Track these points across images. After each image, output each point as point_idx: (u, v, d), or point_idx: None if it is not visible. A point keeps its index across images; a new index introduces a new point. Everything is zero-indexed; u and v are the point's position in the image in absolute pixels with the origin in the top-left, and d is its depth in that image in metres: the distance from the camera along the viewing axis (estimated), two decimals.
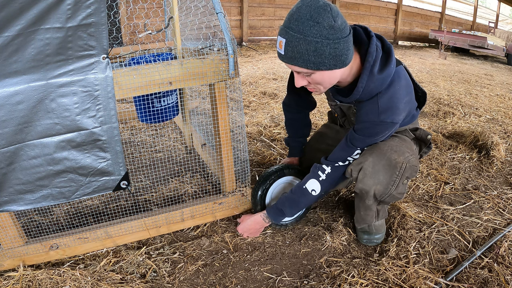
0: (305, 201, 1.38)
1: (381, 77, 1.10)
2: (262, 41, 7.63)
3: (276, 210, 1.42)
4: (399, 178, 1.25)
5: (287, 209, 1.40)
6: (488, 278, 1.24)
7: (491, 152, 2.26)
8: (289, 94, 1.59)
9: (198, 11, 1.51)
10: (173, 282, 1.26)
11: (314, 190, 1.35)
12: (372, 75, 1.10)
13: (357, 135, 1.23)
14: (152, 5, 2.56)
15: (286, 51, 1.01)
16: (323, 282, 1.26)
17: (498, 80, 5.08)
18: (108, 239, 1.38)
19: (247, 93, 3.64)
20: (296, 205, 1.39)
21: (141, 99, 1.70)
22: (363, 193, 1.32)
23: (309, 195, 1.36)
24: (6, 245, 1.26)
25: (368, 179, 1.25)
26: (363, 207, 1.40)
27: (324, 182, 1.33)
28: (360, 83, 1.11)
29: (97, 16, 1.02)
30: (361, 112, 1.19)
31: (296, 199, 1.39)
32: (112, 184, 1.24)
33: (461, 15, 11.55)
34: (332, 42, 0.98)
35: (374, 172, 1.24)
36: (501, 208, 1.73)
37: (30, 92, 1.01)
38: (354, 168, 1.29)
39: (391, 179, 1.24)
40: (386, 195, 1.28)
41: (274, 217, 1.43)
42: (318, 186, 1.34)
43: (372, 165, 1.23)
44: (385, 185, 1.25)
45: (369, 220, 1.42)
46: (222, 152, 1.48)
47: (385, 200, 1.32)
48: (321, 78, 1.06)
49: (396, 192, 1.28)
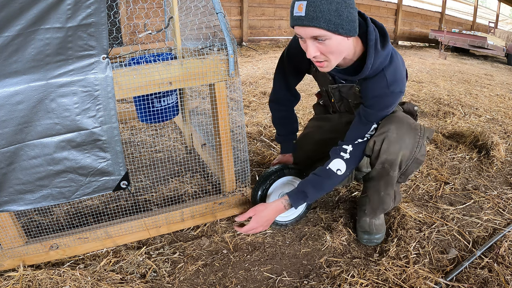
0: (330, 182, 1.34)
1: (384, 53, 1.19)
2: (262, 41, 7.63)
3: (298, 193, 1.35)
4: (422, 138, 1.29)
5: (310, 191, 1.34)
6: (488, 278, 1.24)
7: (491, 152, 2.26)
8: (278, 90, 1.61)
9: (198, 11, 1.51)
10: (173, 282, 1.26)
11: (339, 169, 1.32)
12: (377, 51, 1.18)
13: (371, 111, 1.28)
14: (152, 5, 2.56)
15: (308, 12, 1.04)
16: (323, 282, 1.26)
17: (498, 80, 5.08)
18: (108, 239, 1.38)
19: (247, 93, 3.64)
20: (320, 186, 1.34)
21: (141, 99, 1.70)
22: (387, 165, 1.31)
23: (334, 176, 1.33)
24: (6, 245, 1.26)
25: (394, 146, 1.27)
26: (384, 185, 1.38)
27: (349, 160, 1.32)
28: (369, 59, 1.17)
29: (97, 16, 1.02)
30: (368, 89, 1.26)
31: (320, 181, 1.34)
32: (112, 184, 1.24)
33: (461, 15, 11.54)
34: (349, 6, 1.06)
35: (399, 137, 1.26)
36: (501, 208, 1.73)
37: (30, 92, 1.01)
38: (377, 139, 1.29)
39: (415, 141, 1.28)
40: (411, 160, 1.31)
41: (296, 201, 1.35)
42: (343, 165, 1.32)
43: (396, 131, 1.26)
44: (410, 148, 1.28)
45: (387, 202, 1.41)
46: (222, 152, 1.48)
47: (408, 168, 1.35)
48: (336, 45, 1.11)
49: (420, 155, 1.32)
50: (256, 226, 1.35)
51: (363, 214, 1.52)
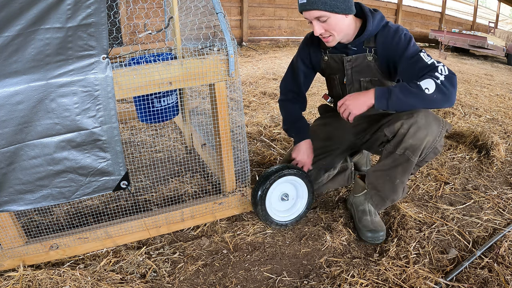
0: (417, 92, 1.25)
1: (379, 14, 1.42)
2: (262, 41, 7.63)
3: (385, 89, 1.30)
4: (444, 129, 1.38)
5: (396, 90, 1.27)
6: (488, 278, 1.24)
7: (491, 152, 2.26)
8: (286, 92, 1.71)
9: (198, 11, 1.51)
10: (173, 282, 1.26)
11: (427, 88, 1.24)
12: (373, 15, 1.41)
13: (410, 51, 1.34)
14: (152, 5, 2.56)
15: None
16: (323, 282, 1.26)
17: (498, 80, 5.08)
18: (108, 239, 1.38)
19: (247, 93, 3.64)
20: (408, 91, 1.26)
21: (141, 99, 1.70)
22: (409, 151, 1.35)
23: (422, 91, 1.24)
24: (6, 245, 1.26)
25: (422, 131, 1.32)
26: (401, 172, 1.40)
27: (442, 84, 1.23)
28: (368, 22, 1.39)
29: (97, 16, 1.02)
30: (387, 44, 1.40)
31: (408, 88, 1.27)
32: (112, 184, 1.24)
33: (461, 15, 11.54)
34: None
35: (427, 123, 1.33)
36: (501, 208, 1.73)
37: (30, 92, 1.01)
38: (405, 122, 1.33)
39: (439, 130, 1.36)
40: (431, 148, 1.39)
41: (381, 93, 1.29)
42: (433, 85, 1.23)
43: (425, 118, 1.33)
44: (434, 136, 1.36)
45: (399, 191, 1.46)
46: (222, 152, 1.48)
47: (426, 156, 1.42)
48: (335, 23, 1.34)
49: (439, 145, 1.40)
50: (348, 103, 1.35)
51: (364, 213, 1.52)
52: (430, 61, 1.30)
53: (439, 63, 1.29)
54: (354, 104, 1.33)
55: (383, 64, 1.45)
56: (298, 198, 1.58)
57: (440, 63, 1.29)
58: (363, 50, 1.46)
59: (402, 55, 1.35)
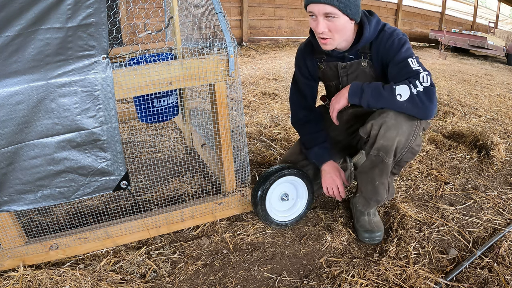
0: (387, 96, 1.25)
1: (375, 19, 1.37)
2: (262, 41, 7.63)
3: (359, 86, 1.31)
4: (418, 128, 1.32)
5: (368, 91, 1.28)
6: (488, 278, 1.24)
7: (491, 152, 2.26)
8: (297, 111, 1.65)
9: (198, 11, 1.51)
10: (173, 282, 1.26)
11: (400, 94, 1.24)
12: (369, 20, 1.36)
13: (400, 56, 1.31)
14: (152, 5, 2.56)
15: None
16: (323, 282, 1.26)
17: (498, 80, 5.08)
18: (108, 239, 1.38)
19: (247, 93, 3.64)
20: (379, 95, 1.27)
21: (141, 99, 1.70)
22: (382, 152, 1.31)
23: (393, 96, 1.25)
24: (6, 245, 1.26)
25: (391, 131, 1.28)
26: (379, 173, 1.37)
27: (417, 95, 1.22)
28: (365, 29, 1.34)
29: (97, 16, 1.02)
30: (380, 49, 1.37)
31: (380, 91, 1.27)
32: (112, 184, 1.24)
33: (461, 15, 11.54)
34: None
35: (397, 123, 1.27)
36: (501, 208, 1.73)
37: (30, 92, 1.01)
38: (375, 123, 1.30)
39: (412, 129, 1.30)
40: (406, 148, 1.33)
41: (354, 91, 1.32)
42: (407, 93, 1.23)
43: (395, 117, 1.28)
44: (406, 135, 1.30)
45: (381, 193, 1.41)
46: (222, 152, 1.48)
47: (403, 156, 1.36)
48: (341, 25, 1.28)
49: (415, 144, 1.34)
50: (333, 99, 1.39)
51: (362, 213, 1.52)
52: (415, 67, 1.27)
53: (425, 71, 1.26)
54: (336, 99, 1.37)
55: (378, 69, 1.42)
56: (298, 198, 1.58)
57: (425, 71, 1.26)
58: (358, 56, 1.43)
59: (392, 59, 1.33)
